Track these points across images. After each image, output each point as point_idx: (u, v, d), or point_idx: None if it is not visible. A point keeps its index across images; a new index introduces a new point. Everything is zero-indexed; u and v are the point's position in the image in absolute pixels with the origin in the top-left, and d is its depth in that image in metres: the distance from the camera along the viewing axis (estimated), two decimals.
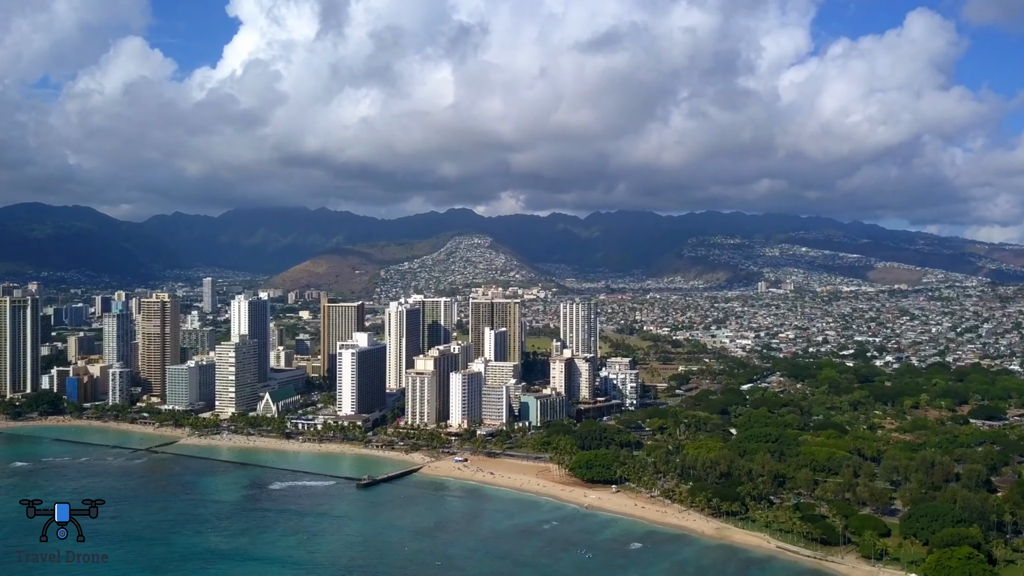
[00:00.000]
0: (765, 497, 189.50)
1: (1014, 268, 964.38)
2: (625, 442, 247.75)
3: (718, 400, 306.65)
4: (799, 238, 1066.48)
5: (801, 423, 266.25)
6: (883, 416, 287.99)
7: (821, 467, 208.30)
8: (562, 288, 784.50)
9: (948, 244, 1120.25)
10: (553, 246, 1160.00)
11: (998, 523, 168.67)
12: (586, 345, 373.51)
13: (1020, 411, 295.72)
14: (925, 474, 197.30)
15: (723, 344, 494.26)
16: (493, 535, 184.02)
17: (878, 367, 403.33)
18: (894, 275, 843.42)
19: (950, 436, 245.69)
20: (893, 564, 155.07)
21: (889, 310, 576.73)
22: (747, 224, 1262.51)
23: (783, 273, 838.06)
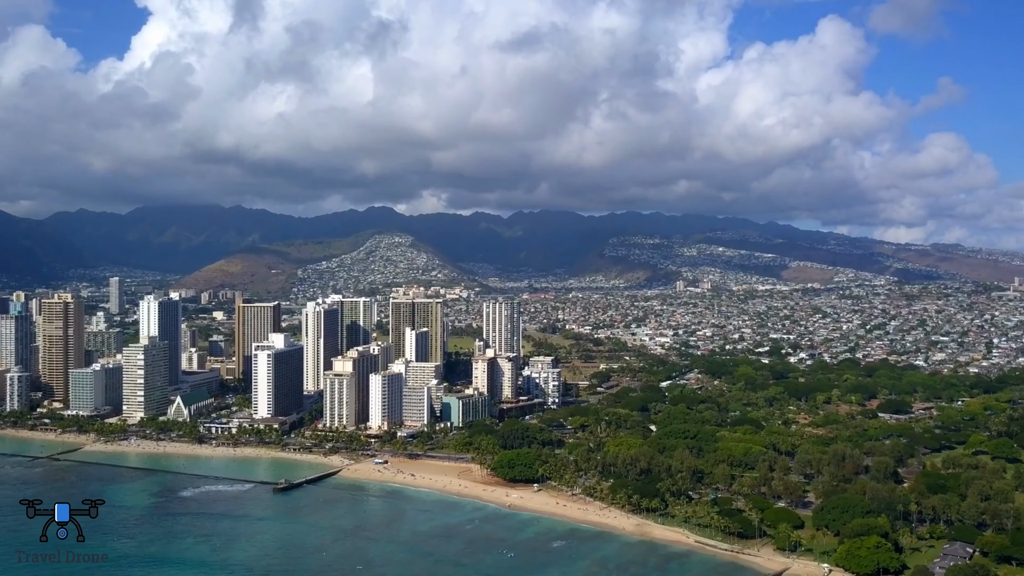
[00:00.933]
0: (684, 493, 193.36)
1: (919, 267, 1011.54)
2: (547, 441, 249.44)
3: (638, 397, 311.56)
4: (716, 238, 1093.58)
5: (719, 419, 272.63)
6: (797, 411, 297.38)
7: (738, 462, 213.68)
8: (485, 287, 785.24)
9: (858, 244, 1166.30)
10: (476, 245, 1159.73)
11: (904, 513, 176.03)
12: (509, 344, 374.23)
13: (925, 405, 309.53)
14: (836, 467, 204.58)
15: (643, 342, 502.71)
16: (414, 537, 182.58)
17: (792, 364, 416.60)
18: (807, 274, 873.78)
19: (860, 430, 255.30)
20: (807, 555, 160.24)
21: (802, 308, 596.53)
22: (666, 224, 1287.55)
23: (701, 272, 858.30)
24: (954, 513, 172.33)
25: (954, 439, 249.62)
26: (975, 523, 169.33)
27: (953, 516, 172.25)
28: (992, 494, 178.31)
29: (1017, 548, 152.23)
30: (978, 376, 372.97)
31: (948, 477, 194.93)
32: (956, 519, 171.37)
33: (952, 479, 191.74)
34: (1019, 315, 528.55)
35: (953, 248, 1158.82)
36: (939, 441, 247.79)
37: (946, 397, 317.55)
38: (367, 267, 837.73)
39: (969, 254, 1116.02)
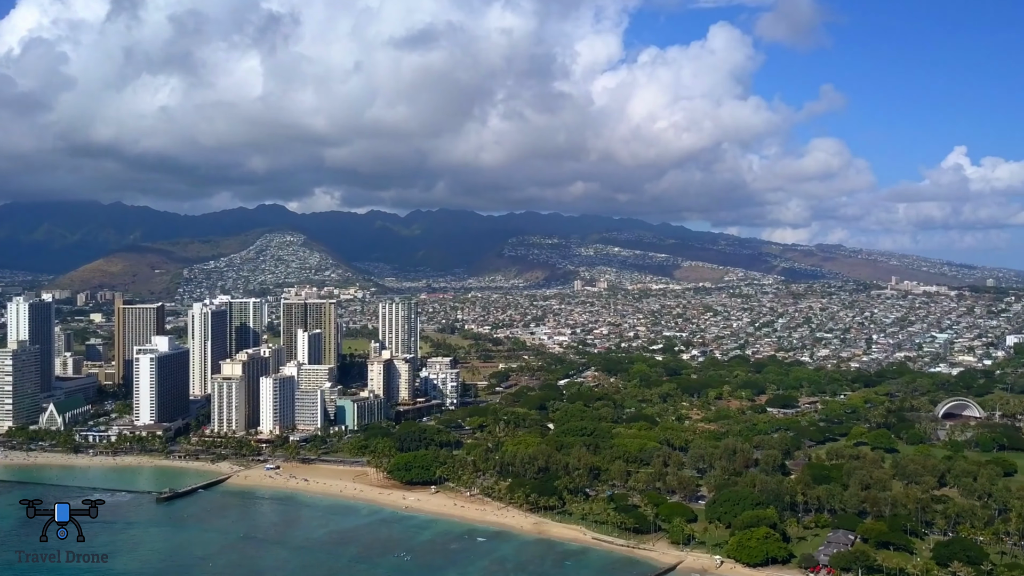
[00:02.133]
0: (581, 490, 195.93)
1: (804, 267, 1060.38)
2: (445, 442, 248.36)
3: (536, 396, 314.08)
4: (612, 238, 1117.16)
5: (615, 416, 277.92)
6: (690, 407, 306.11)
7: (634, 458, 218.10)
8: (381, 287, 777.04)
9: (747, 245, 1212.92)
10: (372, 244, 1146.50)
11: (791, 503, 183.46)
12: (406, 346, 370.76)
13: (810, 399, 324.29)
14: (728, 461, 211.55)
15: (542, 341, 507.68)
16: (307, 543, 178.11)
17: (685, 360, 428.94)
18: (699, 273, 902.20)
19: (750, 424, 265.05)
20: (700, 548, 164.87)
21: (695, 307, 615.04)
22: (564, 224, 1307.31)
23: (598, 272, 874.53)
24: (837, 502, 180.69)
25: (837, 431, 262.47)
26: (856, 511, 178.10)
27: (836, 505, 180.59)
28: (872, 483, 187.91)
29: (895, 534, 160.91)
30: (859, 371, 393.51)
31: (832, 468, 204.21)
32: (839, 508, 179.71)
33: (835, 470, 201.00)
34: (896, 312, 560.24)
35: (836, 249, 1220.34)
36: (823, 434, 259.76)
37: (830, 391, 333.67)
38: (257, 267, 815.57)
39: (850, 254, 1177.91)
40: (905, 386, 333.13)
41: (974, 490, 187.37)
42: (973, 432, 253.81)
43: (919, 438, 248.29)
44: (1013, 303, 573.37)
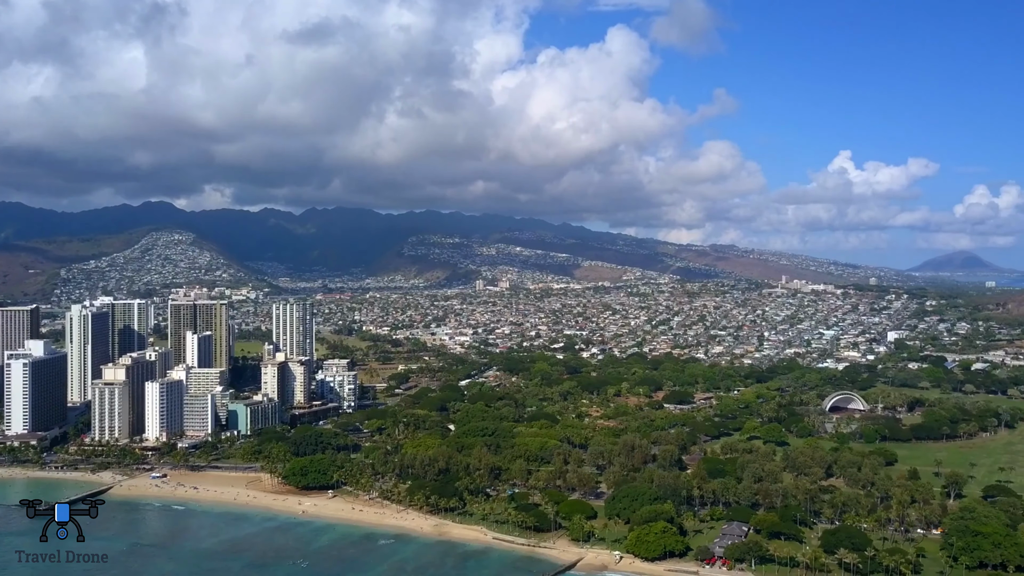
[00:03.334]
0: (482, 490, 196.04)
1: (699, 266, 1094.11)
2: (342, 445, 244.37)
3: (437, 397, 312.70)
4: (514, 238, 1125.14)
5: (516, 415, 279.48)
6: (590, 404, 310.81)
7: (535, 457, 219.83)
8: (275, 288, 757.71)
9: (644, 245, 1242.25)
10: (265, 243, 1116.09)
11: (688, 497, 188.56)
12: (301, 347, 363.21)
13: (705, 395, 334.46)
14: (626, 457, 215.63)
15: (443, 342, 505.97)
16: (196, 554, 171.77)
17: (585, 359, 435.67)
18: (598, 273, 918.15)
19: (647, 420, 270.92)
20: (600, 544, 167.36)
21: (594, 305, 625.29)
22: (465, 224, 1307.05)
23: (499, 271, 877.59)
24: (731, 495, 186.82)
25: (731, 426, 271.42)
26: (750, 503, 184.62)
27: (731, 498, 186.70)
28: (764, 475, 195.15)
29: (786, 524, 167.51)
30: (751, 367, 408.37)
31: (726, 462, 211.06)
32: (733, 500, 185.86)
33: (729, 463, 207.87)
34: (786, 310, 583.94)
35: (728, 249, 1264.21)
36: (718, 428, 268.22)
37: (724, 387, 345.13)
38: (143, 266, 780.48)
39: (742, 254, 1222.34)
40: (795, 381, 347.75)
41: (858, 480, 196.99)
42: (858, 424, 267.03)
43: (808, 431, 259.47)
44: (893, 301, 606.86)
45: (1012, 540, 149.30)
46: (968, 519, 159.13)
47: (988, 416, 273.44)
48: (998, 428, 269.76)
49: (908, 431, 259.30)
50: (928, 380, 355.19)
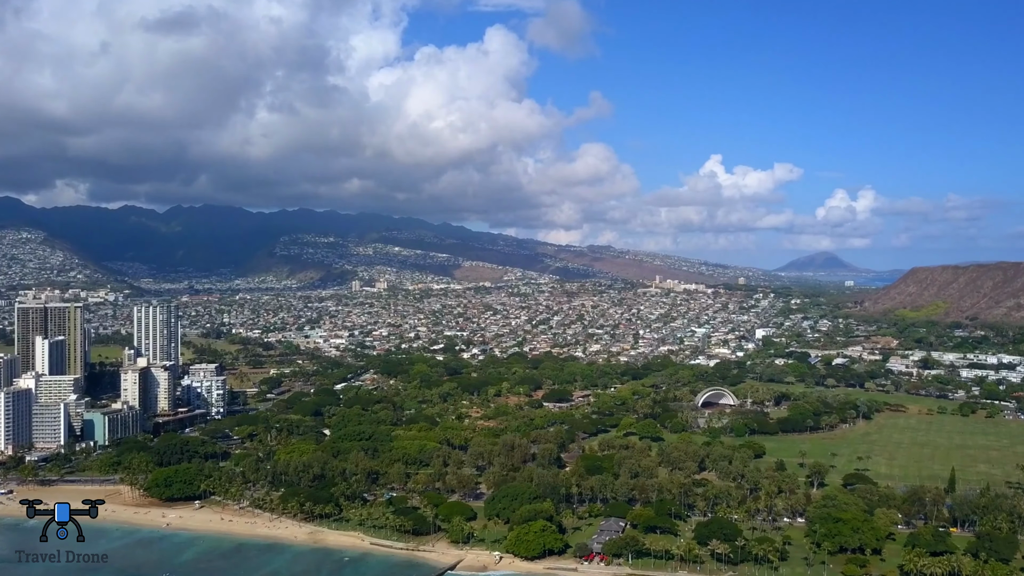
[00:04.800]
0: (359, 495, 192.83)
1: (577, 266, 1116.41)
2: (210, 454, 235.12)
3: (311, 401, 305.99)
4: (392, 238, 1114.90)
5: (394, 418, 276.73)
6: (470, 405, 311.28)
7: (413, 460, 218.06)
8: (137, 289, 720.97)
9: (524, 245, 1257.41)
10: (125, 242, 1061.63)
11: (567, 495, 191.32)
12: (165, 352, 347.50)
13: (583, 393, 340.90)
14: (506, 457, 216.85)
15: (317, 344, 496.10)
16: (48, 573, 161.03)
17: (465, 359, 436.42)
18: (479, 273, 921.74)
19: (527, 420, 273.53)
20: (480, 545, 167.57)
21: (475, 306, 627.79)
22: (341, 223, 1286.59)
23: (377, 272, 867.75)
24: (609, 491, 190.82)
25: (608, 423, 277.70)
26: (627, 499, 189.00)
27: (608, 494, 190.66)
28: (640, 471, 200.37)
29: (661, 518, 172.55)
30: (628, 364, 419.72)
31: (603, 459, 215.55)
32: (611, 497, 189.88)
33: (607, 460, 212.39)
34: (660, 309, 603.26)
35: (605, 249, 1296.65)
36: (596, 426, 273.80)
37: (601, 385, 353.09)
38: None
39: (618, 255, 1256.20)
40: (669, 378, 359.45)
41: (729, 472, 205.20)
42: (728, 419, 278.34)
43: (682, 426, 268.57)
44: (761, 300, 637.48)
45: (869, 525, 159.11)
46: (830, 507, 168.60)
47: (848, 408, 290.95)
48: (856, 419, 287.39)
49: (775, 424, 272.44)
50: (793, 375, 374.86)
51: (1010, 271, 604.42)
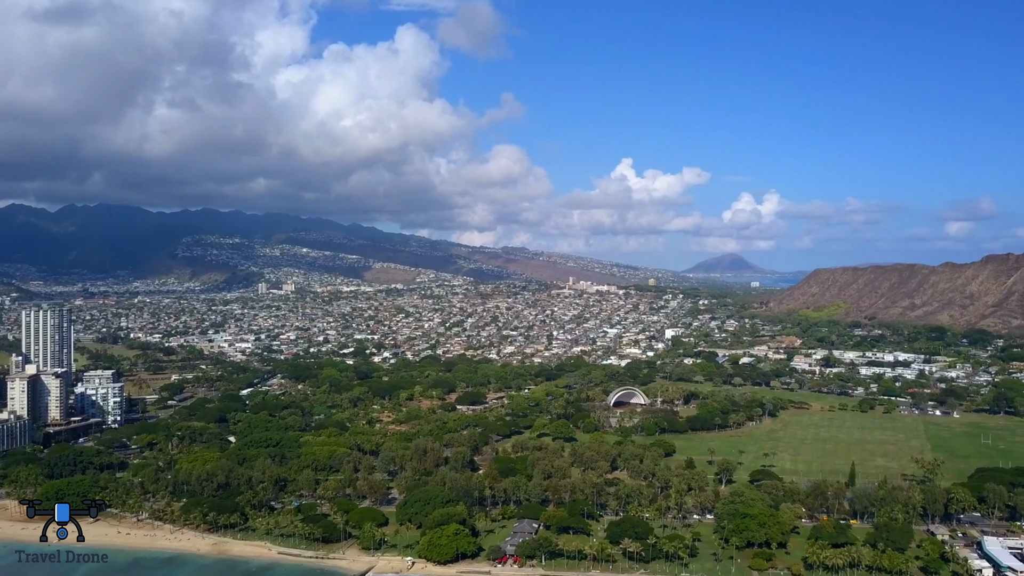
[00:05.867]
0: (266, 504, 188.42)
1: (491, 268, 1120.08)
2: (106, 464, 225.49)
3: (215, 408, 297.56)
4: (300, 239, 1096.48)
5: (303, 424, 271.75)
6: (382, 410, 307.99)
7: (323, 466, 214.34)
8: (25, 292, 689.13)
9: (437, 247, 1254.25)
10: (13, 243, 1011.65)
11: (480, 498, 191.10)
12: (57, 358, 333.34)
13: (497, 394, 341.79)
14: (418, 461, 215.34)
15: (222, 348, 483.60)
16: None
17: (377, 363, 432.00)
18: (390, 275, 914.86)
19: (440, 423, 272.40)
20: (391, 551, 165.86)
21: (386, 308, 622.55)
22: (247, 223, 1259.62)
23: (284, 274, 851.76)
24: (522, 493, 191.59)
25: (522, 424, 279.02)
26: (540, 500, 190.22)
27: (522, 496, 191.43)
28: (553, 472, 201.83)
29: (574, 518, 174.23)
30: (541, 365, 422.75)
31: (517, 460, 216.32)
32: (524, 498, 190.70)
33: (520, 462, 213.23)
34: (573, 310, 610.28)
35: (519, 251, 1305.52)
36: (509, 427, 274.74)
37: (515, 386, 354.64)
38: None
39: (532, 256, 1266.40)
40: (581, 378, 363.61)
41: (641, 471, 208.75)
42: (639, 418, 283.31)
43: (594, 426, 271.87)
44: (670, 300, 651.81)
45: (775, 520, 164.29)
46: (737, 503, 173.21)
47: (754, 406, 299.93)
48: (763, 417, 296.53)
49: (685, 423, 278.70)
50: (702, 374, 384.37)
51: (905, 272, 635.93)
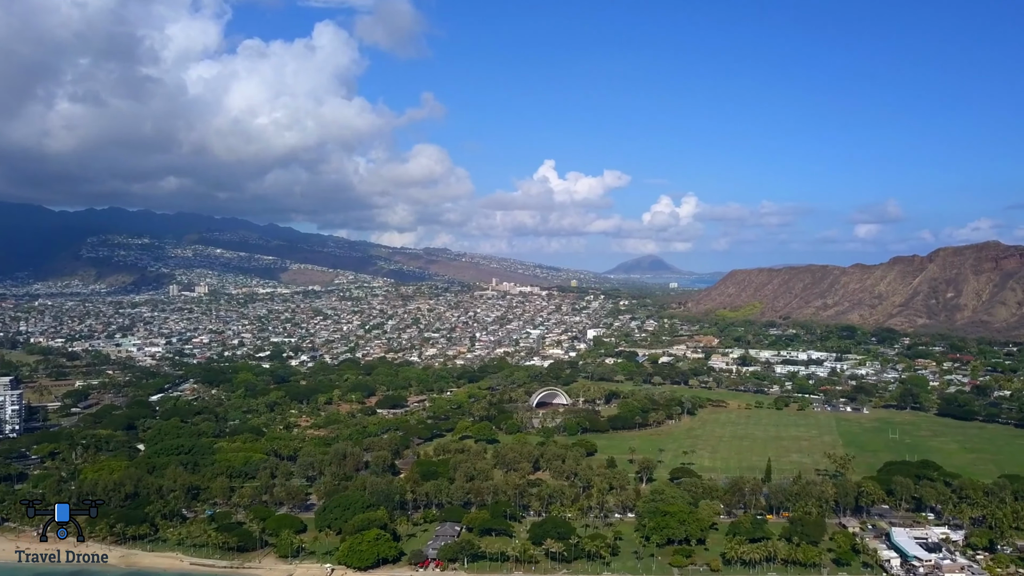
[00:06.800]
0: (177, 513, 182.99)
1: (412, 269, 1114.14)
2: (4, 476, 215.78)
3: (123, 415, 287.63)
4: (213, 239, 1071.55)
5: (217, 430, 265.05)
6: (299, 414, 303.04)
7: (238, 473, 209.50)
8: None
9: (356, 247, 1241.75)
10: None
11: (402, 502, 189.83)
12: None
13: (419, 397, 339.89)
14: (338, 466, 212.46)
15: (130, 353, 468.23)
16: None
17: (294, 367, 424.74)
18: (308, 276, 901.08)
19: (360, 427, 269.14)
20: (310, 558, 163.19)
21: (304, 310, 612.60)
22: (157, 223, 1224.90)
23: (197, 275, 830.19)
24: (444, 496, 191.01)
25: (444, 427, 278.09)
26: (462, 502, 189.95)
27: (444, 499, 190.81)
28: (476, 474, 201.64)
29: (496, 520, 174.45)
30: (464, 367, 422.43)
31: (439, 463, 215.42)
32: (446, 501, 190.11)
33: (442, 464, 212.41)
34: (496, 311, 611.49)
35: (441, 252, 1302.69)
36: (431, 430, 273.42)
37: (437, 389, 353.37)
38: None
39: (455, 257, 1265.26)
40: (504, 379, 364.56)
41: (563, 471, 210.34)
42: (562, 418, 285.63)
43: (517, 427, 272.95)
44: (592, 301, 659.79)
45: (694, 517, 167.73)
46: (657, 501, 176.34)
47: (673, 405, 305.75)
48: (682, 415, 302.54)
49: (606, 422, 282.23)
50: (623, 374, 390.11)
51: (818, 273, 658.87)
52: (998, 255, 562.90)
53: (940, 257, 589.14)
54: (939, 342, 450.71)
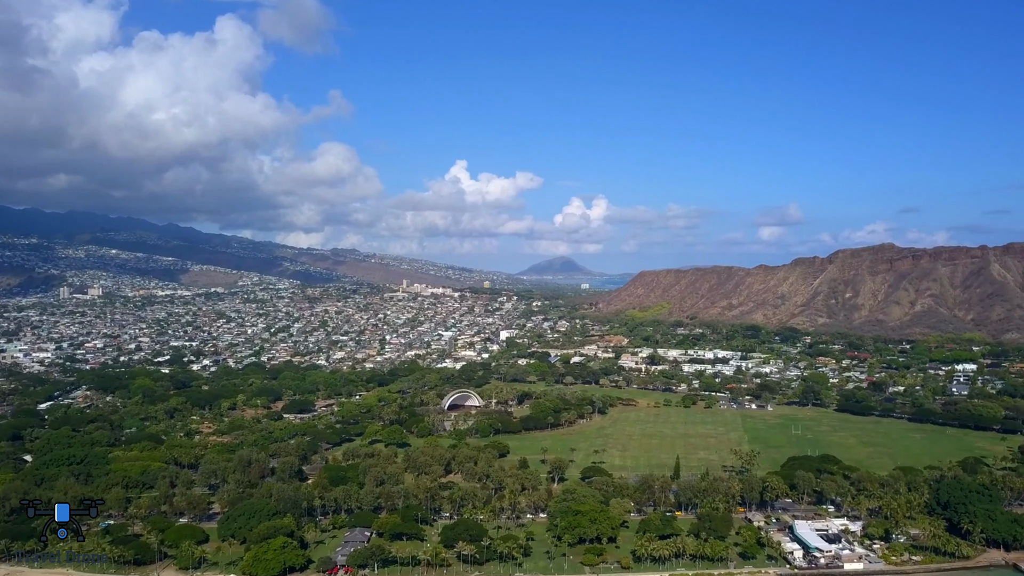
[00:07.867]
0: (69, 527, 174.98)
1: (319, 270, 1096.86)
2: None
3: (8, 424, 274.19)
4: (108, 239, 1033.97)
5: (112, 439, 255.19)
6: (201, 421, 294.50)
7: (135, 483, 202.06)
8: None
9: (261, 248, 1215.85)
10: None
11: (310, 508, 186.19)
12: None
13: (327, 402, 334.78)
14: (242, 473, 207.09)
15: (16, 359, 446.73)
16: None
17: (196, 371, 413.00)
18: (210, 278, 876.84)
19: (265, 433, 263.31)
20: (213, 569, 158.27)
21: (206, 313, 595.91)
22: (45, 222, 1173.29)
23: (90, 277, 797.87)
24: (354, 501, 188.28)
25: (353, 431, 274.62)
26: (372, 507, 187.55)
27: (353, 504, 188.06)
28: (386, 478, 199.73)
29: (407, 524, 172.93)
30: (374, 371, 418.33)
31: (348, 468, 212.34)
32: (356, 507, 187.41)
33: (352, 469, 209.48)
34: (407, 313, 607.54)
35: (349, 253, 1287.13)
36: (340, 435, 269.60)
37: (346, 392, 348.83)
38: None
39: (364, 259, 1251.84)
40: (415, 382, 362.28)
41: (475, 473, 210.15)
42: (474, 420, 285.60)
43: (428, 430, 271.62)
44: (505, 302, 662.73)
45: (605, 515, 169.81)
46: (569, 500, 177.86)
47: (584, 404, 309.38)
48: (593, 415, 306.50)
49: (518, 423, 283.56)
50: (535, 374, 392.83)
51: (723, 274, 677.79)
52: (892, 257, 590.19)
53: (839, 259, 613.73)
54: (838, 340, 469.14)
